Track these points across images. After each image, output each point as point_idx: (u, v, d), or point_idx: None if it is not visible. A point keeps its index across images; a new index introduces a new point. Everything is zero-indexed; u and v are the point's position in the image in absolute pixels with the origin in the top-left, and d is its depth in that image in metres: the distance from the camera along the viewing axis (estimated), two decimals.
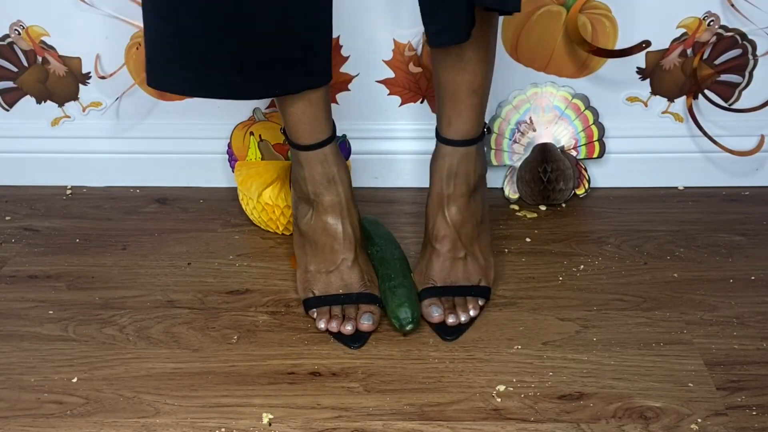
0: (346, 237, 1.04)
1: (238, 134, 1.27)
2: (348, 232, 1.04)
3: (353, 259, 1.04)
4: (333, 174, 1.04)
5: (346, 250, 1.04)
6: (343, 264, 1.04)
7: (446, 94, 1.01)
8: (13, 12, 1.26)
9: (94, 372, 0.96)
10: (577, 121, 1.28)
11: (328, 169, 1.04)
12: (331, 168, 1.04)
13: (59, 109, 1.33)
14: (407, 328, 1.00)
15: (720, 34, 1.23)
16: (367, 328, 0.99)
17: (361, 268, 1.04)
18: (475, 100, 1.01)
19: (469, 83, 0.99)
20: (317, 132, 1.02)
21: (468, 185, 1.04)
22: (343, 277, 1.04)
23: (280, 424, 0.89)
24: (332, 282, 1.04)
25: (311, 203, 1.05)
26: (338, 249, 1.04)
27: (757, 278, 1.10)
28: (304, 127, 1.02)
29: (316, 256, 1.05)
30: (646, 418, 0.88)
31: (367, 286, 1.03)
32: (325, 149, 1.03)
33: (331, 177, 1.04)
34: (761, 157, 1.30)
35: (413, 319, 1.00)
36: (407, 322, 0.99)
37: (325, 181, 1.04)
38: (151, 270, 1.15)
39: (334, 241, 1.04)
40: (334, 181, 1.04)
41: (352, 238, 1.04)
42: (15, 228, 1.26)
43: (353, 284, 1.03)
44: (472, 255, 1.05)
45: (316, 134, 1.02)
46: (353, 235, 1.05)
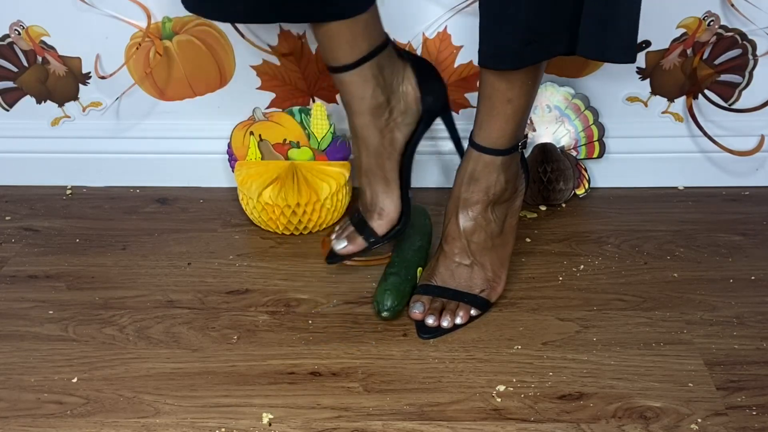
0: (359, 162, 1.05)
1: (237, 134, 1.27)
2: (358, 159, 1.05)
3: (364, 183, 1.05)
4: (346, 101, 1.02)
5: (360, 175, 1.05)
6: (359, 187, 1.06)
7: (483, 97, 1.01)
8: (13, 12, 1.26)
9: (94, 372, 0.96)
10: (577, 121, 1.28)
11: (343, 95, 1.01)
12: (344, 96, 1.01)
13: (59, 109, 1.33)
14: (383, 314, 1.02)
15: (720, 34, 1.23)
16: (337, 250, 1.04)
17: (371, 195, 1.04)
18: (508, 110, 1.00)
19: (505, 91, 0.98)
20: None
21: (487, 194, 1.04)
22: (360, 198, 1.07)
23: (280, 424, 0.89)
24: (359, 200, 1.07)
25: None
26: (359, 171, 1.06)
27: (757, 278, 1.10)
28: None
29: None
30: (646, 418, 0.88)
31: (370, 215, 1.04)
32: (339, 75, 1.00)
33: (345, 102, 1.02)
34: (761, 157, 1.30)
35: (390, 308, 1.01)
36: (384, 309, 1.01)
37: (343, 104, 1.03)
38: (151, 270, 1.15)
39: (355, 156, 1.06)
40: (347, 107, 1.03)
41: (363, 164, 1.04)
42: (15, 228, 1.26)
43: (362, 208, 1.06)
44: (480, 265, 1.05)
45: (331, 58, 1.00)
46: (364, 161, 1.04)
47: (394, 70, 1.02)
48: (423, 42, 1.25)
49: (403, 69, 1.03)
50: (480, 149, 1.02)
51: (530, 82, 0.99)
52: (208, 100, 1.31)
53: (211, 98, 1.31)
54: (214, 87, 1.30)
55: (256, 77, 1.28)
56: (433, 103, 1.05)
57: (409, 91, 1.03)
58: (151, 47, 1.26)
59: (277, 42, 1.25)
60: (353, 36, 0.97)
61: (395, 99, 1.02)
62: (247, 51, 1.26)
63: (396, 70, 1.02)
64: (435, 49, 1.25)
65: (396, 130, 1.03)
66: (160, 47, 1.26)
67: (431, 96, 1.04)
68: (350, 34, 0.97)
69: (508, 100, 0.99)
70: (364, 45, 0.98)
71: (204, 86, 1.30)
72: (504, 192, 1.04)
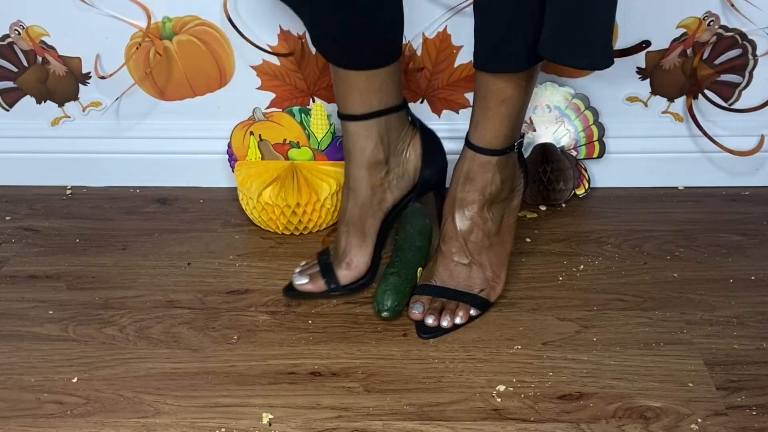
0: (344, 209, 1.07)
1: (238, 134, 1.27)
2: (345, 206, 1.07)
3: (343, 231, 1.07)
4: (348, 149, 1.05)
5: (341, 221, 1.08)
6: (338, 232, 1.09)
7: (478, 97, 1.01)
8: (13, 12, 1.26)
9: (94, 372, 0.96)
10: (577, 121, 1.28)
11: (346, 142, 1.05)
12: (347, 144, 1.05)
13: (59, 109, 1.33)
14: (383, 314, 1.02)
15: (720, 34, 1.23)
16: (295, 285, 1.06)
17: (345, 244, 1.07)
18: (503, 110, 1.00)
19: (499, 92, 0.99)
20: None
21: (483, 194, 1.04)
22: (335, 242, 1.10)
23: (280, 424, 0.89)
24: (335, 242, 1.10)
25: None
26: (341, 216, 1.08)
27: (757, 278, 1.10)
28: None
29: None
30: (646, 418, 0.88)
31: (339, 262, 1.07)
32: (348, 123, 1.04)
33: (347, 150, 1.05)
34: (761, 157, 1.30)
35: (391, 308, 1.02)
36: (384, 309, 1.02)
37: (345, 150, 1.07)
38: (151, 270, 1.15)
39: (342, 202, 1.09)
40: (348, 155, 1.06)
41: (347, 212, 1.06)
42: (15, 228, 1.26)
43: (334, 253, 1.09)
44: (479, 264, 1.05)
45: (344, 105, 1.03)
46: (350, 210, 1.06)
47: (402, 134, 1.06)
48: (423, 42, 1.25)
49: (412, 136, 1.07)
50: (475, 149, 1.02)
51: (524, 83, 0.98)
52: (208, 100, 1.31)
53: (211, 98, 1.31)
54: (214, 87, 1.30)
55: (256, 77, 1.29)
56: (431, 176, 1.08)
57: (411, 158, 1.07)
58: (151, 47, 1.26)
59: (277, 42, 1.25)
60: (367, 89, 1.00)
61: (395, 161, 1.06)
62: (247, 51, 1.26)
63: (404, 135, 1.06)
64: (435, 49, 1.25)
65: (388, 191, 1.06)
66: (160, 47, 1.26)
67: (431, 169, 1.08)
68: (364, 86, 1.00)
69: (502, 101, 0.99)
70: (375, 101, 1.01)
71: (204, 86, 1.30)
72: (500, 192, 1.05)
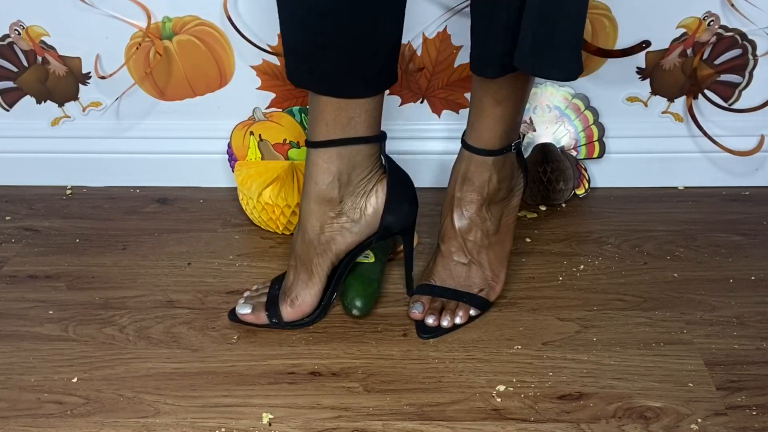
0: (293, 241, 1.02)
1: (238, 134, 1.27)
2: (294, 238, 1.02)
3: (290, 265, 1.02)
4: (305, 177, 0.99)
5: (291, 255, 1.03)
6: (288, 263, 1.04)
7: (474, 98, 1.02)
8: (13, 12, 1.26)
9: (94, 372, 0.96)
10: (577, 121, 1.28)
11: (305, 169, 1.00)
12: (305, 171, 0.99)
13: (59, 109, 1.33)
14: (353, 312, 1.03)
15: (720, 34, 1.23)
16: (237, 312, 1.02)
17: (292, 280, 1.02)
18: (498, 112, 1.00)
19: (494, 93, 0.99)
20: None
21: (480, 194, 1.04)
22: (287, 271, 1.05)
23: (280, 424, 0.89)
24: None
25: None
26: (292, 246, 1.03)
27: (757, 278, 1.10)
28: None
29: None
30: (646, 418, 0.88)
31: (285, 297, 1.02)
32: (309, 149, 0.98)
33: (304, 179, 1.00)
34: (761, 157, 1.30)
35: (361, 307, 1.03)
36: (354, 307, 1.03)
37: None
38: (151, 270, 1.15)
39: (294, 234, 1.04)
40: (304, 183, 1.00)
41: (295, 246, 1.01)
42: (15, 228, 1.26)
43: (283, 285, 1.04)
44: (478, 264, 1.05)
45: (310, 129, 0.98)
46: (297, 245, 1.01)
47: (365, 178, 0.98)
48: (423, 42, 1.25)
49: (377, 183, 0.99)
50: (471, 149, 1.03)
51: (519, 84, 0.99)
52: (208, 100, 1.31)
53: (211, 98, 1.31)
54: (214, 87, 1.30)
55: (256, 77, 1.29)
56: (394, 223, 1.00)
57: (370, 205, 0.99)
58: (151, 47, 1.26)
59: (277, 42, 1.25)
60: (336, 116, 0.94)
61: (351, 204, 0.98)
62: (247, 51, 1.26)
63: (368, 179, 0.98)
64: (435, 49, 1.25)
65: (339, 234, 0.99)
66: (160, 47, 1.26)
67: (394, 217, 0.99)
68: (335, 113, 0.94)
69: (497, 102, 0.99)
70: (338, 129, 0.95)
71: (204, 86, 1.30)
72: (498, 192, 1.05)
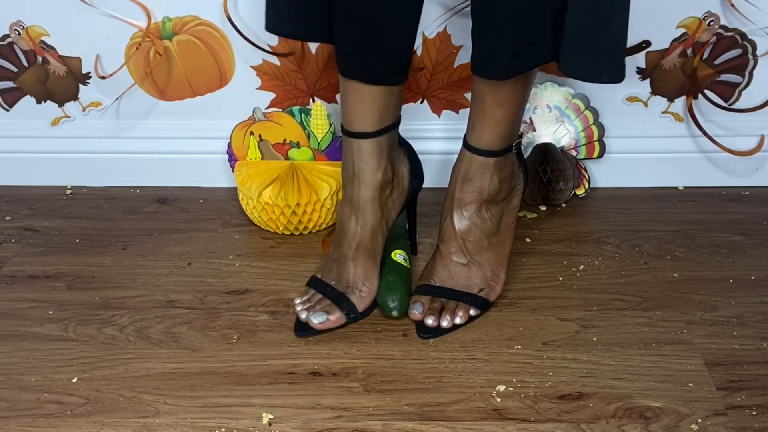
0: (350, 234, 1.03)
1: (238, 134, 1.27)
2: (353, 231, 1.03)
3: (351, 257, 1.03)
4: (359, 170, 1.02)
5: (347, 247, 1.03)
6: (341, 258, 1.04)
7: (475, 99, 1.02)
8: (13, 12, 1.26)
9: (94, 372, 0.96)
10: (577, 121, 1.28)
11: (357, 162, 1.02)
12: (359, 163, 1.02)
13: (59, 109, 1.33)
14: (392, 313, 1.03)
15: (720, 34, 1.23)
16: (314, 324, 1.00)
17: (357, 271, 1.03)
18: (499, 113, 1.00)
19: (496, 94, 0.99)
20: (359, 121, 1.01)
21: (481, 194, 1.04)
22: (339, 270, 1.04)
23: (280, 424, 0.89)
24: (332, 270, 1.05)
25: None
26: (343, 242, 1.04)
27: (757, 278, 1.10)
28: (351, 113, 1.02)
29: (335, 239, 1.07)
30: (646, 418, 0.88)
31: (352, 290, 1.02)
32: (361, 141, 1.02)
33: (356, 172, 1.03)
34: (761, 157, 1.30)
35: (397, 307, 1.03)
36: (392, 308, 1.03)
37: (350, 172, 1.03)
38: (151, 270, 1.15)
39: (342, 233, 1.05)
40: (357, 176, 1.03)
41: (357, 237, 1.03)
42: (15, 228, 1.26)
43: (342, 281, 1.03)
44: (478, 264, 1.05)
45: (358, 123, 1.01)
46: (359, 235, 1.03)
47: (396, 150, 1.06)
48: (423, 42, 1.25)
49: (402, 151, 1.08)
50: (473, 150, 1.03)
51: (520, 86, 0.99)
52: (208, 100, 1.31)
53: (211, 98, 1.31)
54: (214, 87, 1.30)
55: (256, 77, 1.29)
56: (416, 188, 1.10)
57: (405, 174, 1.07)
58: (151, 47, 1.26)
59: (277, 42, 1.25)
60: (387, 104, 1.00)
61: (396, 180, 1.06)
62: (247, 51, 1.26)
63: (398, 151, 1.06)
64: (435, 49, 1.25)
65: (392, 209, 1.06)
66: (160, 47, 1.26)
67: (417, 179, 1.10)
68: (385, 101, 1.00)
69: (498, 104, 0.99)
70: (390, 115, 1.02)
71: (204, 86, 1.30)
72: (498, 192, 1.05)
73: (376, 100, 1.00)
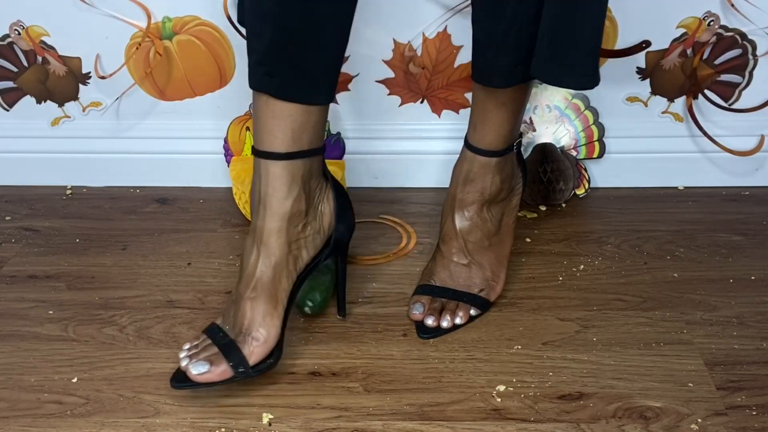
0: (249, 270, 0.91)
1: (234, 129, 1.27)
2: (252, 267, 0.91)
3: (247, 297, 0.91)
4: (265, 195, 0.91)
5: (244, 286, 0.91)
6: (237, 299, 0.92)
7: (476, 100, 1.02)
8: (13, 12, 1.26)
9: (94, 372, 0.96)
10: (577, 121, 1.28)
11: (263, 187, 0.91)
12: (266, 188, 0.91)
13: (59, 109, 1.33)
14: (305, 310, 1.03)
15: (720, 34, 1.23)
16: (192, 375, 0.87)
17: (254, 314, 0.90)
18: (502, 113, 1.00)
19: (498, 95, 0.99)
20: (268, 139, 0.90)
21: (482, 195, 1.04)
22: (234, 312, 0.92)
23: (280, 424, 0.89)
24: (229, 313, 0.93)
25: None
26: (241, 279, 0.92)
27: (757, 278, 1.10)
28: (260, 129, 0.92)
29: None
30: (646, 418, 0.88)
31: (244, 338, 0.89)
32: (269, 163, 0.90)
33: (262, 197, 0.91)
34: (761, 157, 1.30)
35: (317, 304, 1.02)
36: (306, 305, 1.02)
37: (256, 198, 0.92)
38: (151, 270, 1.15)
39: (241, 269, 0.93)
40: (263, 203, 0.91)
41: (256, 274, 0.91)
42: (15, 228, 1.26)
43: (236, 327, 0.91)
44: (478, 264, 1.05)
45: (267, 141, 0.91)
46: (259, 272, 0.91)
47: (318, 184, 0.95)
48: (423, 42, 1.25)
49: (326, 187, 0.96)
50: (475, 150, 1.03)
51: (522, 86, 0.99)
52: (208, 100, 1.31)
53: (211, 98, 1.31)
54: (214, 87, 1.30)
55: None
56: (344, 233, 0.97)
57: (326, 212, 0.96)
58: (151, 47, 1.26)
59: None
60: (302, 125, 0.90)
61: (312, 215, 0.94)
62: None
63: (320, 186, 0.95)
64: (435, 49, 1.25)
65: (304, 248, 0.93)
66: (160, 47, 1.26)
67: (344, 225, 0.97)
68: (301, 121, 0.89)
69: (501, 104, 0.99)
70: (306, 139, 0.90)
71: (204, 86, 1.30)
72: (500, 192, 1.05)
73: (289, 118, 0.89)
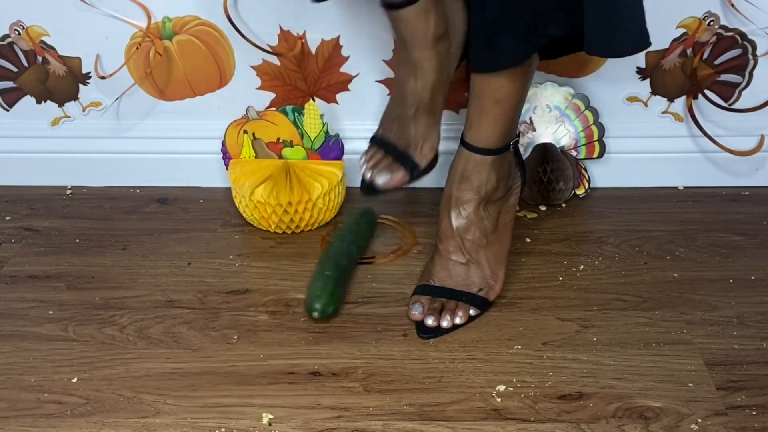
0: (410, 93, 1.02)
1: (231, 132, 1.27)
2: (411, 90, 1.02)
3: (411, 117, 1.03)
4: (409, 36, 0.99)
5: (409, 106, 1.03)
6: (401, 117, 1.04)
7: (473, 97, 1.01)
8: (13, 12, 1.26)
9: (94, 372, 0.96)
10: (577, 121, 1.28)
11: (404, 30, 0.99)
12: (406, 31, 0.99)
13: (59, 109, 1.33)
14: (314, 315, 1.02)
15: (720, 34, 1.23)
16: (378, 185, 1.04)
17: (418, 129, 1.03)
18: (498, 110, 1.00)
19: (494, 91, 0.98)
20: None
21: (478, 193, 1.04)
22: (399, 128, 1.05)
23: (280, 424, 0.89)
24: (392, 128, 1.06)
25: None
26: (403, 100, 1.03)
27: (757, 278, 1.10)
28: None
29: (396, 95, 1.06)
30: (646, 418, 0.88)
31: (413, 149, 1.04)
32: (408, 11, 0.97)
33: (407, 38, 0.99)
34: (761, 157, 1.30)
35: (321, 311, 1.02)
36: (314, 310, 1.02)
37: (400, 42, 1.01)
38: (151, 270, 1.15)
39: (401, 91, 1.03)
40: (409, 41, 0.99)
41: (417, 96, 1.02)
42: (15, 228, 1.26)
43: (403, 140, 1.04)
44: (477, 263, 1.05)
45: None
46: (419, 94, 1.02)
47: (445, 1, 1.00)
48: None
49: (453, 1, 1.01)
50: (470, 148, 1.02)
51: (519, 83, 0.98)
52: (208, 100, 1.31)
53: (211, 98, 1.31)
54: (214, 87, 1.30)
55: (256, 77, 1.29)
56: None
57: (460, 26, 1.02)
58: (151, 47, 1.26)
59: (277, 42, 1.25)
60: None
61: (452, 30, 1.01)
62: (247, 51, 1.26)
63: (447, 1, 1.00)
64: None
65: (451, 63, 1.03)
66: (160, 47, 1.26)
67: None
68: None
69: (497, 101, 0.99)
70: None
71: (204, 86, 1.30)
72: (496, 191, 1.05)
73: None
